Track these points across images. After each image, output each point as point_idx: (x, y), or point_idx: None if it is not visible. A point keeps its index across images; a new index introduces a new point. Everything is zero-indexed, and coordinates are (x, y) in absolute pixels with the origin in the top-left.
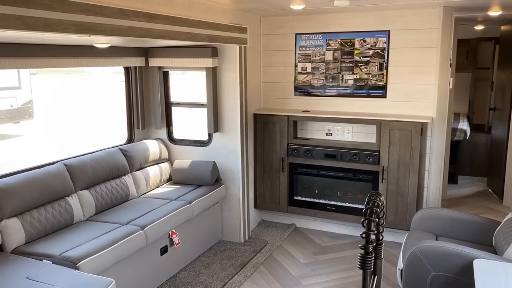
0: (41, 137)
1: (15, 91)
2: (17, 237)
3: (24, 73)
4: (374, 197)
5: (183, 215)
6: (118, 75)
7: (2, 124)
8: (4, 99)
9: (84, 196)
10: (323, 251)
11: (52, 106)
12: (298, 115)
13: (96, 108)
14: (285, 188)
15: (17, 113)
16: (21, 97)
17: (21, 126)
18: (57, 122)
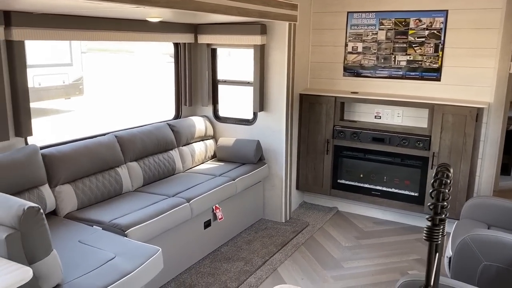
0: (91, 113)
1: (67, 68)
2: (70, 203)
3: (75, 51)
4: (444, 168)
5: (227, 191)
6: (165, 56)
7: (54, 100)
8: (57, 76)
9: (133, 167)
10: (366, 235)
11: (101, 83)
12: (346, 96)
13: (144, 86)
14: (328, 171)
15: (68, 89)
16: (73, 74)
17: (72, 102)
18: (106, 99)
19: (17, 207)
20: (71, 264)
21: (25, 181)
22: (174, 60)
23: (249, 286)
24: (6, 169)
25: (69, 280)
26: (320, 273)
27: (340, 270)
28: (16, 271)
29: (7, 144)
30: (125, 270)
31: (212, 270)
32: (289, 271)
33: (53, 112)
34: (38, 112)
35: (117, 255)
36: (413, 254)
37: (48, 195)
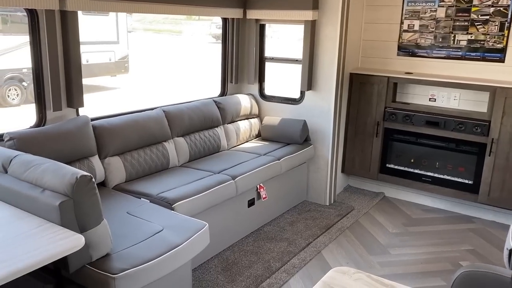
0: (136, 90)
1: (113, 46)
2: (118, 175)
3: (122, 29)
4: None
5: (271, 171)
6: (207, 37)
7: (101, 77)
8: (104, 53)
9: (180, 142)
10: (414, 223)
11: (146, 62)
12: (399, 77)
13: (187, 65)
14: (377, 154)
15: (114, 67)
16: (119, 52)
17: (117, 79)
18: (151, 77)
19: (70, 175)
20: (120, 235)
21: (76, 151)
22: (222, 36)
23: (293, 267)
24: (59, 139)
25: (118, 250)
26: (366, 258)
27: (387, 257)
28: (69, 238)
29: (59, 115)
30: (173, 243)
31: (255, 249)
32: (333, 254)
33: (99, 89)
34: (85, 88)
35: (164, 227)
36: (465, 245)
37: (98, 166)
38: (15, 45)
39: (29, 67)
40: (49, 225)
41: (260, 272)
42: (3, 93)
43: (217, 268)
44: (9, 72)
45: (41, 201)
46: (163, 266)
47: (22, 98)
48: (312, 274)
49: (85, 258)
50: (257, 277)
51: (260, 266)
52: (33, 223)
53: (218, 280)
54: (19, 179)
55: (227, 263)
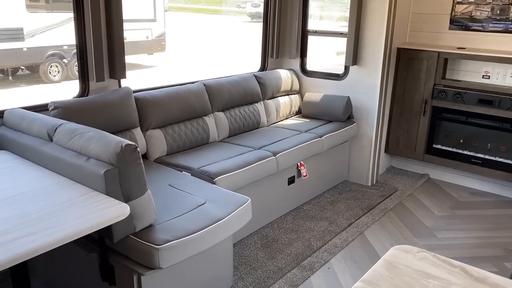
0: (172, 68)
1: (150, 24)
2: (160, 147)
3: (159, 7)
4: None
5: (313, 148)
6: (242, 16)
7: (138, 55)
8: (141, 31)
9: (220, 117)
10: (462, 206)
11: (182, 40)
12: (451, 52)
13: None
14: (423, 134)
15: (151, 45)
16: (155, 30)
17: (154, 57)
18: (187, 55)
19: (115, 143)
20: (162, 207)
21: (118, 122)
22: (264, 9)
23: (335, 246)
24: (102, 109)
25: (161, 222)
26: (411, 240)
27: (433, 240)
28: (114, 206)
29: (102, 85)
30: (216, 216)
31: (295, 227)
32: (376, 235)
33: (137, 67)
34: None
35: (207, 201)
36: None
37: (140, 138)
38: (56, 22)
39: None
40: (94, 194)
41: (300, 250)
42: (45, 69)
43: (256, 244)
44: (51, 49)
45: (86, 169)
46: (206, 239)
47: (63, 75)
48: (354, 255)
49: (129, 228)
50: (298, 255)
51: (301, 245)
52: (78, 191)
53: (258, 256)
54: (64, 147)
55: (267, 239)
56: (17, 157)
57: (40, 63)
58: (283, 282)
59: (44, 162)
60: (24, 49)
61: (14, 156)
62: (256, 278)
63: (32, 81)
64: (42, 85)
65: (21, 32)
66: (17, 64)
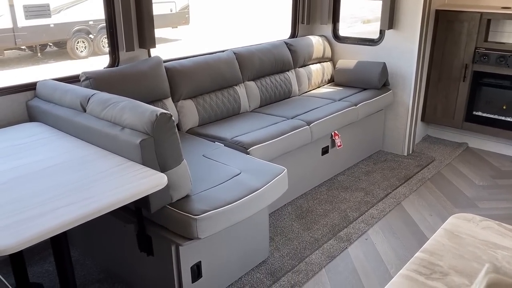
0: (197, 42)
1: None
2: (191, 118)
3: None
4: None
5: (348, 117)
6: None
7: (162, 28)
8: (165, 4)
9: (251, 87)
10: (504, 175)
11: (207, 12)
12: (495, 12)
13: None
14: (463, 101)
15: (175, 18)
16: (179, 3)
17: (179, 31)
18: (212, 28)
19: (149, 112)
20: (198, 177)
21: (150, 92)
22: None
23: (372, 217)
24: (133, 79)
25: (197, 192)
26: (451, 211)
27: (474, 210)
28: (151, 176)
29: (132, 55)
30: (252, 187)
31: (330, 198)
32: (414, 206)
33: (162, 41)
34: None
35: (242, 171)
36: None
37: (172, 108)
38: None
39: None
40: (130, 164)
41: (336, 222)
42: (72, 45)
43: (291, 216)
44: (77, 25)
45: (121, 139)
46: (243, 209)
47: (90, 50)
48: (392, 225)
49: (166, 198)
50: (334, 226)
51: (336, 216)
52: (114, 161)
53: (293, 227)
54: (98, 117)
55: (301, 210)
56: (52, 129)
57: (67, 39)
58: (320, 253)
59: (79, 133)
60: (51, 25)
61: (48, 127)
62: (292, 249)
63: (60, 57)
64: (70, 61)
65: (47, 9)
66: (45, 40)
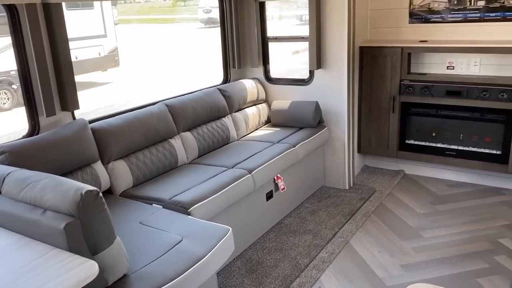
0: (128, 83)
1: (101, 40)
2: (125, 179)
3: (108, 22)
4: None
5: (288, 159)
6: (194, 23)
7: (92, 73)
8: (92, 48)
9: (187, 138)
10: (442, 200)
11: (136, 53)
12: (413, 46)
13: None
14: (395, 131)
15: (104, 61)
16: (107, 46)
17: (109, 73)
18: (143, 69)
19: (73, 192)
20: (135, 250)
21: (76, 159)
22: (220, 19)
23: (322, 261)
24: (56, 147)
25: (136, 269)
26: (398, 244)
27: (420, 241)
28: (80, 266)
29: (54, 120)
30: (196, 255)
31: (279, 245)
32: (362, 243)
33: (91, 86)
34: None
35: (184, 237)
36: (500, 220)
37: (102, 172)
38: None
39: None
40: (56, 252)
41: (288, 272)
42: None
43: (241, 271)
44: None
45: (43, 224)
46: (188, 283)
47: (13, 102)
48: (344, 268)
49: (100, 283)
50: (286, 277)
51: (287, 264)
52: (37, 250)
53: (244, 284)
54: (16, 200)
55: (251, 263)
56: None
57: None
58: None
59: None
60: None
61: None
62: None
63: None
64: None
65: None
66: None
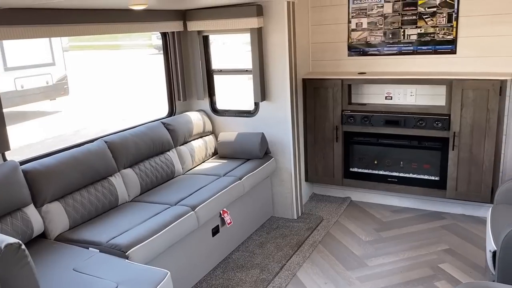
0: (78, 113)
1: (49, 68)
2: (60, 222)
3: (57, 50)
4: None
5: (234, 192)
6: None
7: (39, 102)
8: (40, 76)
9: (128, 175)
10: (386, 227)
11: (87, 81)
12: (353, 78)
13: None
14: (339, 160)
15: (53, 90)
16: (56, 74)
17: (58, 102)
18: (93, 97)
19: None
20: None
21: (5, 203)
22: (163, 52)
23: None
24: None
25: None
26: (344, 274)
27: (365, 270)
28: None
29: None
30: None
31: (226, 282)
32: (309, 275)
33: (39, 115)
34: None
35: (119, 284)
36: (441, 244)
37: (34, 216)
38: None
39: None
40: None
41: None
42: None
43: None
44: None
45: None
46: None
47: None
48: None
49: None
50: None
51: None
52: None
53: None
54: None
55: None
56: None
57: None
58: None
59: None
60: None
61: None
62: None
63: None
64: None
65: None
66: None
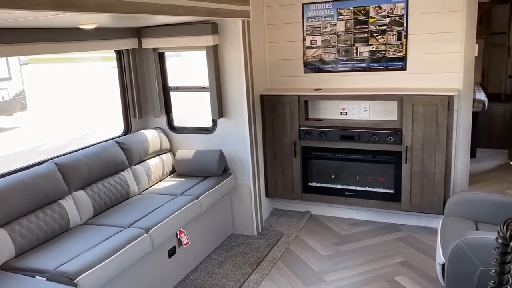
0: (37, 128)
1: (5, 83)
2: (5, 250)
3: (13, 63)
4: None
5: (191, 212)
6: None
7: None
8: None
9: (80, 197)
10: (344, 240)
11: (47, 96)
12: (309, 94)
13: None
14: (298, 174)
15: (9, 105)
16: (13, 89)
17: (15, 118)
18: (52, 112)
19: None
20: None
21: None
22: (118, 69)
23: None
24: None
25: None
26: None
27: (323, 285)
28: None
29: None
30: None
31: None
32: None
33: None
34: None
35: None
36: (397, 256)
37: None
38: None
39: None
40: None
41: None
42: None
43: None
44: None
45: None
46: None
47: None
48: None
49: None
50: None
51: None
52: None
53: None
54: None
55: None
56: None
57: None
58: None
59: None
60: None
61: None
62: None
63: None
64: None
65: None
66: None
